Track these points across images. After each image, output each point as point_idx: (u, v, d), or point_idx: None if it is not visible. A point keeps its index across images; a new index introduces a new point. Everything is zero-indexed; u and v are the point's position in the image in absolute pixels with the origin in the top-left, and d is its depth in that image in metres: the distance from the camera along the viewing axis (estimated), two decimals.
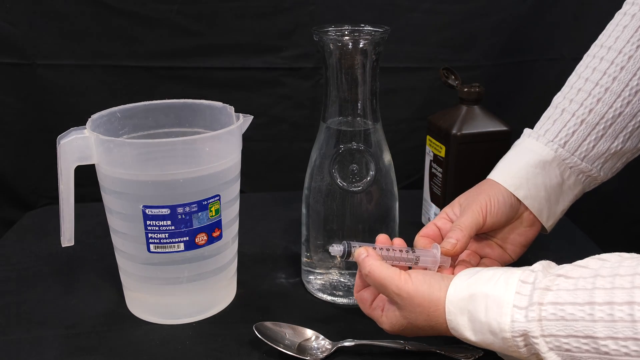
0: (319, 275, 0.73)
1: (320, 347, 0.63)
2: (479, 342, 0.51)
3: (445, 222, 0.65)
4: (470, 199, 0.64)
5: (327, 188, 0.69)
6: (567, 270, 0.48)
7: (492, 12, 1.01)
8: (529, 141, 0.66)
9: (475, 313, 0.50)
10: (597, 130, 0.63)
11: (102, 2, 0.95)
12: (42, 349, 0.64)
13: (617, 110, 0.62)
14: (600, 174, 0.65)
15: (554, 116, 0.65)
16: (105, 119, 0.67)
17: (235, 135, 0.66)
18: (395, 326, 0.56)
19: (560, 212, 0.66)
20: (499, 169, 0.66)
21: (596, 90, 0.62)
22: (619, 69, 0.62)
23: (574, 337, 0.44)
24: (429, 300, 0.52)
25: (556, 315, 0.45)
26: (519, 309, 0.47)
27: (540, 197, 0.64)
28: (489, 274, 0.51)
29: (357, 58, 0.66)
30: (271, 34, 0.99)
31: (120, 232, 0.66)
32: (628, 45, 0.61)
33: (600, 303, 0.43)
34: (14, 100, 1.00)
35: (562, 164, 0.64)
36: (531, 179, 0.63)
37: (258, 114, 0.72)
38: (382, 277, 0.54)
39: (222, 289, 0.71)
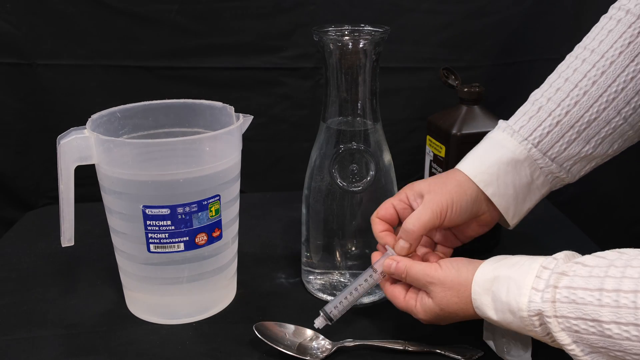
0: (319, 275, 0.73)
1: (320, 347, 0.63)
2: (499, 321, 0.54)
3: (403, 206, 0.64)
4: (435, 193, 0.62)
5: (327, 188, 0.69)
6: (585, 259, 0.50)
7: (492, 12, 1.01)
8: (503, 136, 0.65)
9: (498, 293, 0.53)
10: (570, 133, 0.62)
11: (102, 2, 0.95)
12: (42, 349, 0.64)
13: (592, 115, 0.61)
14: (568, 175, 0.65)
15: (530, 112, 0.64)
16: (105, 119, 0.67)
17: (235, 135, 0.66)
18: (429, 314, 0.59)
19: (526, 211, 0.66)
20: (470, 162, 0.65)
21: (575, 92, 0.62)
22: (600, 73, 0.61)
23: (582, 320, 0.47)
24: (458, 283, 0.56)
25: (568, 298, 0.48)
26: (536, 291, 0.50)
27: (508, 196, 0.63)
28: (515, 260, 0.55)
29: (357, 58, 0.66)
30: (271, 34, 0.99)
31: (120, 232, 0.66)
32: (611, 50, 0.61)
33: (609, 290, 0.46)
34: (14, 100, 1.00)
35: (534, 164, 0.63)
36: (501, 176, 0.63)
37: (258, 114, 0.72)
38: (415, 272, 0.59)
39: (222, 289, 0.71)
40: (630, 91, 0.61)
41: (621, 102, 0.61)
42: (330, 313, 0.63)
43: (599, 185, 1.11)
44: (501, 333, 0.60)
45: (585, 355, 0.48)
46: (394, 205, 0.64)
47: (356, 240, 0.71)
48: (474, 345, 0.62)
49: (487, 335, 0.62)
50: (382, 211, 0.65)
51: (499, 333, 0.61)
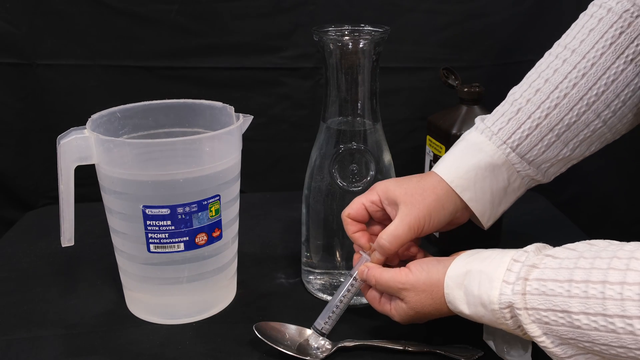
0: (319, 275, 0.73)
1: (320, 347, 0.63)
2: (471, 315, 0.54)
3: (375, 208, 0.63)
4: (412, 206, 0.60)
5: (327, 188, 0.69)
6: (555, 251, 0.51)
7: (492, 12, 1.01)
8: (481, 139, 0.63)
9: (470, 287, 0.53)
10: (550, 136, 0.61)
11: (102, 2, 0.95)
12: (42, 349, 0.64)
13: (572, 119, 0.60)
14: (544, 177, 0.64)
15: (508, 114, 0.62)
16: (105, 119, 0.67)
17: (235, 135, 0.66)
18: (404, 317, 0.59)
19: (501, 213, 0.65)
20: (447, 165, 0.63)
21: (555, 94, 0.60)
22: (581, 75, 0.59)
23: (552, 311, 0.47)
24: (429, 284, 0.57)
25: (538, 290, 0.48)
26: (507, 283, 0.51)
27: (485, 200, 0.62)
28: (487, 254, 0.55)
29: (357, 58, 0.66)
30: (271, 34, 0.99)
31: (120, 232, 0.66)
32: (592, 51, 0.59)
33: (578, 281, 0.46)
34: (14, 100, 1.00)
35: (511, 168, 0.62)
36: (479, 181, 0.61)
37: (258, 114, 0.72)
38: (385, 280, 0.59)
39: (222, 289, 0.71)
40: (611, 94, 0.60)
41: (601, 105, 0.60)
42: (322, 329, 0.63)
43: (599, 185, 1.11)
44: (501, 333, 0.60)
45: (556, 347, 0.48)
46: (364, 205, 0.63)
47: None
48: (474, 345, 0.62)
49: (487, 335, 0.62)
50: (353, 211, 0.64)
51: (499, 333, 0.61)
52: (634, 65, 0.59)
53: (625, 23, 0.59)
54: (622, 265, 0.44)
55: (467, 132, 0.65)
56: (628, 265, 0.44)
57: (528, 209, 0.96)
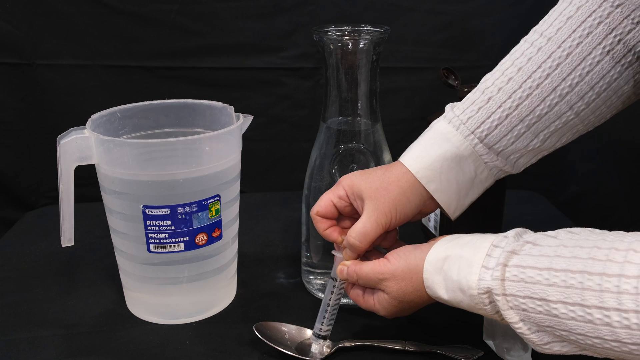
0: (319, 275, 0.73)
1: (320, 347, 0.63)
2: (450, 300, 0.54)
3: (343, 204, 0.63)
4: (377, 201, 0.60)
5: (327, 188, 0.69)
6: (536, 238, 0.51)
7: (492, 12, 1.01)
8: (449, 129, 0.61)
9: (449, 272, 0.53)
10: (520, 127, 0.59)
11: (102, 2, 0.95)
12: (42, 349, 0.64)
13: (544, 110, 0.58)
14: (512, 168, 0.62)
15: (479, 103, 0.60)
16: (105, 119, 0.67)
17: (235, 135, 0.66)
18: (388, 309, 0.59)
19: (468, 204, 0.64)
20: (413, 156, 0.62)
21: (527, 83, 0.58)
22: (555, 65, 0.57)
23: (530, 299, 0.47)
24: (408, 271, 0.56)
25: (517, 277, 0.48)
26: (486, 269, 0.50)
27: (451, 192, 0.61)
28: (466, 240, 0.55)
29: (357, 58, 0.66)
30: (271, 34, 0.99)
31: (120, 232, 0.66)
32: (569, 41, 0.57)
33: (557, 270, 0.46)
34: (14, 100, 1.00)
35: (478, 160, 0.60)
36: (445, 172, 0.60)
37: (258, 114, 0.72)
38: (365, 273, 0.59)
39: (222, 289, 0.71)
40: (585, 86, 0.57)
41: (574, 96, 0.58)
42: (321, 331, 0.63)
43: (599, 185, 1.11)
44: (501, 333, 0.60)
45: (532, 334, 0.48)
46: (332, 201, 0.63)
47: None
48: (474, 345, 0.62)
49: (487, 335, 0.62)
50: (322, 209, 0.63)
51: (499, 333, 0.61)
52: (611, 57, 0.57)
53: (604, 13, 0.56)
54: (602, 256, 0.44)
55: (436, 120, 0.64)
56: (608, 256, 0.44)
57: (528, 209, 0.96)
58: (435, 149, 0.61)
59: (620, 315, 0.42)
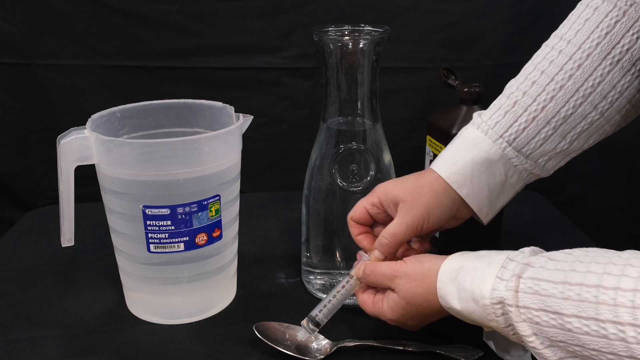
0: (319, 275, 0.73)
1: (320, 347, 0.63)
2: (462, 311, 0.53)
3: (376, 210, 0.64)
4: (410, 204, 0.61)
5: (327, 188, 0.69)
6: (552, 253, 0.51)
7: (492, 12, 1.01)
8: (477, 134, 0.63)
9: (463, 282, 0.53)
10: (547, 129, 0.61)
11: (102, 2, 0.95)
12: (42, 349, 0.64)
13: (569, 111, 0.60)
14: (542, 171, 0.63)
15: (505, 107, 0.62)
16: (105, 119, 0.67)
17: (235, 135, 0.66)
18: (395, 311, 0.58)
19: (500, 208, 0.65)
20: (444, 162, 0.63)
21: (551, 86, 0.60)
22: (577, 66, 0.59)
23: (544, 311, 0.47)
24: (422, 272, 0.57)
25: (532, 289, 0.48)
26: (500, 279, 0.50)
27: (483, 195, 0.62)
28: (482, 253, 0.55)
29: (357, 58, 0.66)
30: (271, 34, 0.99)
31: (120, 232, 0.66)
32: (588, 42, 0.59)
33: (572, 284, 0.46)
34: (14, 100, 1.00)
35: (508, 163, 0.62)
36: (475, 176, 0.61)
37: (258, 114, 0.72)
38: (379, 269, 0.60)
39: (222, 289, 0.71)
40: (607, 85, 0.59)
41: (598, 96, 0.59)
42: (316, 317, 0.63)
43: (599, 185, 1.11)
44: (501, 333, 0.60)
45: (545, 349, 0.48)
46: (366, 208, 0.64)
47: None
48: (474, 345, 0.62)
49: (487, 335, 0.62)
50: (356, 215, 0.64)
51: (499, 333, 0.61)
52: (630, 56, 0.59)
53: (620, 12, 0.58)
54: (617, 271, 0.44)
55: (464, 127, 0.65)
56: (623, 271, 0.44)
57: (528, 209, 0.96)
58: (465, 154, 0.62)
59: (636, 330, 0.41)
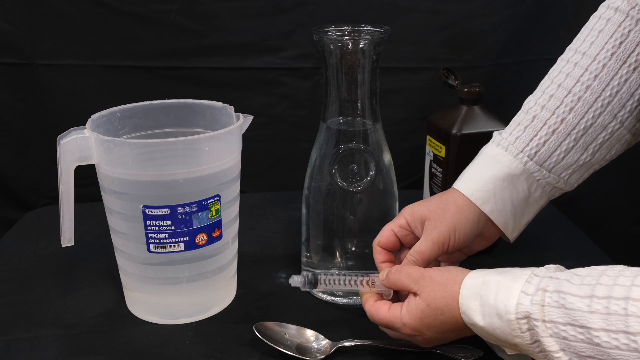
0: None
1: (320, 347, 0.63)
2: (485, 327, 0.52)
3: (404, 232, 0.64)
4: (435, 221, 0.61)
5: (327, 188, 0.69)
6: (577, 270, 0.50)
7: (492, 12, 1.01)
8: (498, 151, 0.63)
9: (486, 297, 0.52)
10: (568, 141, 0.61)
11: (102, 2, 0.95)
12: (42, 349, 0.64)
13: (588, 122, 0.60)
14: (566, 185, 0.64)
15: (524, 122, 0.63)
16: (105, 119, 0.67)
17: (235, 135, 0.66)
18: (414, 314, 0.56)
19: (525, 224, 0.65)
20: (466, 180, 0.64)
21: (569, 98, 0.61)
22: (593, 77, 0.60)
23: (571, 326, 0.46)
24: (447, 277, 0.55)
25: (558, 302, 0.47)
26: (525, 294, 0.49)
27: (507, 212, 0.62)
28: (505, 269, 0.54)
29: (357, 58, 0.66)
30: (271, 34, 0.99)
31: (120, 232, 0.66)
32: (602, 52, 0.60)
33: (600, 297, 0.45)
34: (14, 100, 1.00)
35: (530, 177, 0.62)
36: (498, 192, 0.62)
37: (258, 114, 0.72)
38: (408, 270, 0.58)
39: (222, 289, 0.71)
40: (625, 94, 0.59)
41: (616, 105, 0.60)
42: (319, 276, 0.62)
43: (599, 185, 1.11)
44: None
45: None
46: (394, 231, 0.64)
47: (356, 240, 0.71)
48: (474, 345, 0.62)
49: None
50: (383, 239, 0.64)
51: None
52: None
53: (632, 21, 0.59)
54: None
55: (484, 146, 0.66)
56: None
57: None
58: (486, 170, 0.63)
59: None
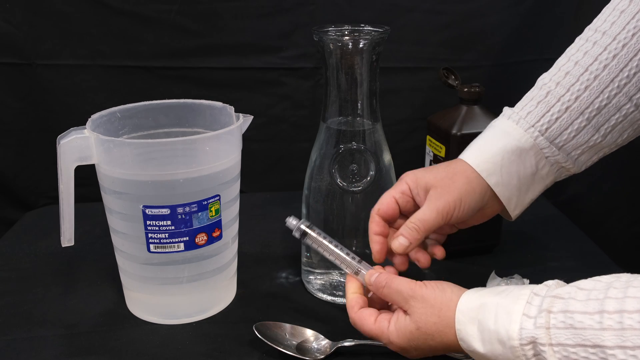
0: (319, 275, 0.73)
1: (320, 347, 0.63)
2: (486, 354, 0.49)
3: (406, 199, 0.62)
4: (442, 190, 0.59)
5: (327, 188, 0.69)
6: (580, 282, 0.47)
7: (492, 12, 1.01)
8: (508, 123, 0.62)
9: (485, 322, 0.49)
10: (580, 119, 0.59)
11: (102, 2, 0.95)
12: (42, 349, 0.64)
13: (603, 102, 0.59)
14: (574, 165, 0.62)
15: (537, 97, 0.61)
16: (105, 119, 0.67)
17: (235, 135, 0.66)
18: (402, 335, 0.55)
19: (529, 202, 0.63)
20: (473, 150, 0.62)
21: (585, 76, 0.59)
22: (612, 56, 0.58)
23: (582, 347, 0.43)
24: (441, 301, 0.53)
25: (565, 323, 0.44)
26: (528, 317, 0.46)
27: (512, 186, 0.61)
28: (502, 288, 0.51)
29: (357, 58, 0.66)
30: (271, 34, 0.99)
31: (120, 232, 0.66)
32: (623, 33, 0.58)
33: (611, 312, 0.42)
34: (14, 100, 1.00)
35: (539, 153, 0.61)
36: (505, 165, 0.60)
37: (258, 114, 0.72)
38: (398, 285, 0.56)
39: (222, 289, 0.71)
40: None
41: (633, 87, 0.58)
42: (311, 227, 0.61)
43: (599, 185, 1.11)
44: None
45: None
46: (395, 197, 0.62)
47: (356, 240, 0.71)
48: None
49: None
50: (384, 207, 0.61)
51: None
52: None
53: None
54: None
55: (494, 120, 0.64)
56: None
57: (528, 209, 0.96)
58: (495, 142, 0.61)
59: None
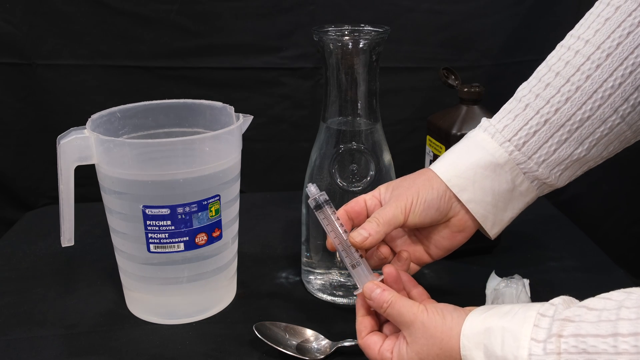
0: (319, 275, 0.73)
1: (320, 347, 0.63)
2: None
3: (374, 201, 0.60)
4: (402, 189, 0.58)
5: (327, 188, 0.69)
6: (589, 302, 0.45)
7: (492, 12, 1.01)
8: (483, 137, 0.58)
9: (491, 347, 0.47)
10: (561, 132, 0.56)
11: (102, 2, 0.95)
12: (42, 349, 0.64)
13: (586, 113, 0.55)
14: (557, 181, 0.59)
15: (515, 110, 0.58)
16: (105, 119, 0.67)
17: (235, 135, 0.66)
18: None
19: (508, 220, 0.60)
20: (445, 163, 0.59)
21: (566, 87, 0.55)
22: (595, 66, 0.54)
23: None
24: (442, 331, 0.50)
25: (577, 347, 0.42)
26: (536, 342, 0.44)
27: (486, 203, 0.58)
28: (507, 309, 0.49)
29: (357, 58, 0.66)
30: (271, 34, 0.99)
31: (120, 232, 0.66)
32: (608, 41, 0.54)
33: (625, 334, 0.40)
34: (14, 100, 1.00)
35: (515, 169, 0.57)
36: (478, 181, 0.57)
37: (258, 114, 0.72)
38: (400, 308, 0.53)
39: (222, 289, 0.71)
40: (629, 87, 0.54)
41: (618, 98, 0.55)
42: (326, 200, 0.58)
43: (599, 185, 1.11)
44: None
45: None
46: (365, 200, 0.60)
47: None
48: None
49: None
50: (351, 203, 0.60)
51: None
52: None
53: None
54: None
55: (470, 130, 0.62)
56: None
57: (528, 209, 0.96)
58: (468, 156, 0.58)
59: None
